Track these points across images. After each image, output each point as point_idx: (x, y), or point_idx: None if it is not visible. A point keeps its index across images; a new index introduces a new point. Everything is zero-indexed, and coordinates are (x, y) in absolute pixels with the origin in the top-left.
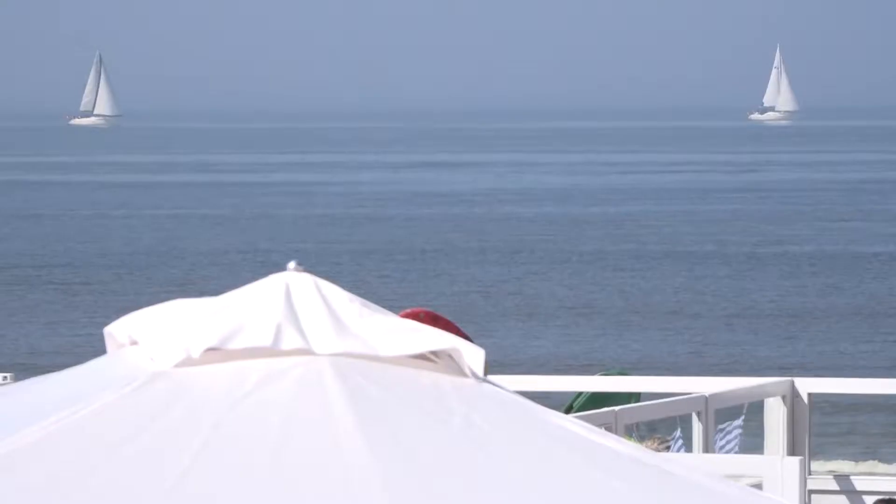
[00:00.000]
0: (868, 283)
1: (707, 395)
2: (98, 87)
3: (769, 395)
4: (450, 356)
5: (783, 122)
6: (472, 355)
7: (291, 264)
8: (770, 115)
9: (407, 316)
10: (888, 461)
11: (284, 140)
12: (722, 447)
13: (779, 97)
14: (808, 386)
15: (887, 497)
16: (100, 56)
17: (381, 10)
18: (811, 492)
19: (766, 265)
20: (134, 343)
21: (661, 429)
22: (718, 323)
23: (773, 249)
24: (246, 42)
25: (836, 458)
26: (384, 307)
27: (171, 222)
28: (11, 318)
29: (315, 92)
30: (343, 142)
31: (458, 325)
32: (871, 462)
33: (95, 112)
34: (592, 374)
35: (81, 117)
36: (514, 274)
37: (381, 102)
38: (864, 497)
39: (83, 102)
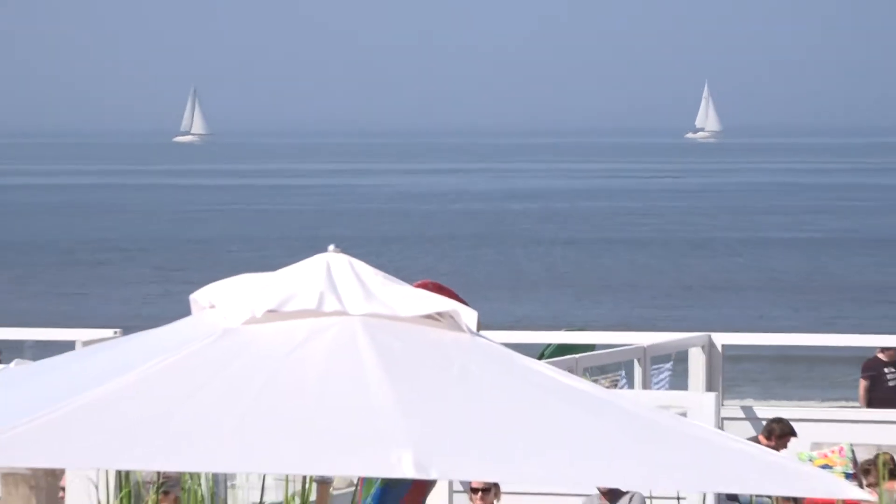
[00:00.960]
0: (770, 261)
1: (645, 346)
2: (193, 112)
3: (692, 346)
4: (451, 316)
5: (710, 140)
6: (468, 316)
7: (331, 247)
8: (700, 134)
9: (419, 286)
10: (782, 397)
11: (336, 152)
12: (656, 385)
13: (707, 120)
14: (721, 339)
15: (775, 418)
16: (194, 90)
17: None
18: (724, 419)
19: (696, 248)
20: (212, 307)
21: (609, 371)
22: (658, 292)
23: (702, 235)
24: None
25: (744, 395)
26: (401, 279)
27: (244, 215)
28: (121, 287)
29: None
30: (369, 154)
31: (457, 292)
32: (771, 400)
33: (192, 132)
34: (558, 330)
35: (181, 136)
36: (501, 255)
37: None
38: (763, 422)
39: (182, 125)
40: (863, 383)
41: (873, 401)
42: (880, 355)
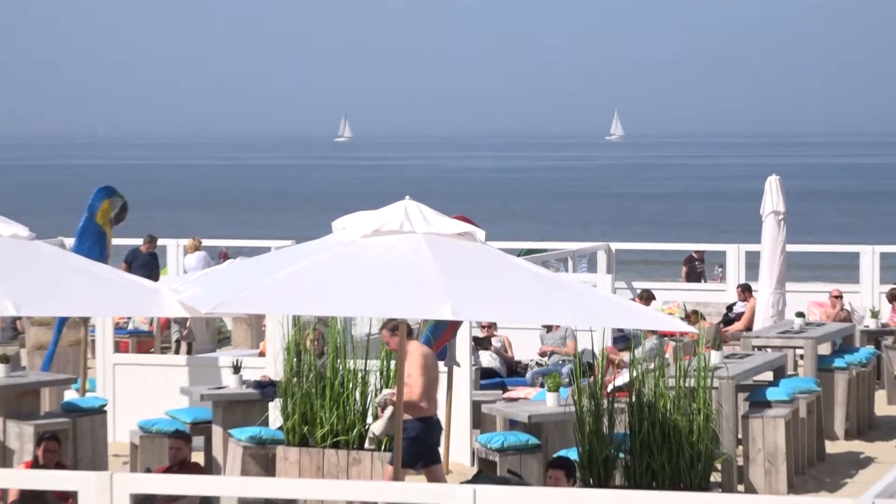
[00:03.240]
0: (629, 206)
1: (573, 249)
2: (344, 123)
3: (599, 250)
4: (471, 234)
5: (617, 140)
6: (479, 234)
7: (407, 196)
8: (613, 137)
9: (455, 218)
10: (649, 279)
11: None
12: (580, 270)
13: (617, 128)
14: (615, 246)
15: (644, 289)
16: (346, 114)
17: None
18: (617, 288)
19: (599, 199)
20: (343, 228)
21: (552, 264)
22: (577, 223)
23: (604, 192)
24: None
25: (627, 277)
26: (445, 214)
27: (371, 179)
28: (310, 218)
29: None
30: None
31: (474, 221)
32: (643, 280)
33: (344, 135)
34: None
35: (338, 138)
36: (501, 203)
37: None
38: (637, 291)
39: (338, 131)
40: (683, 269)
41: (689, 279)
42: (693, 254)
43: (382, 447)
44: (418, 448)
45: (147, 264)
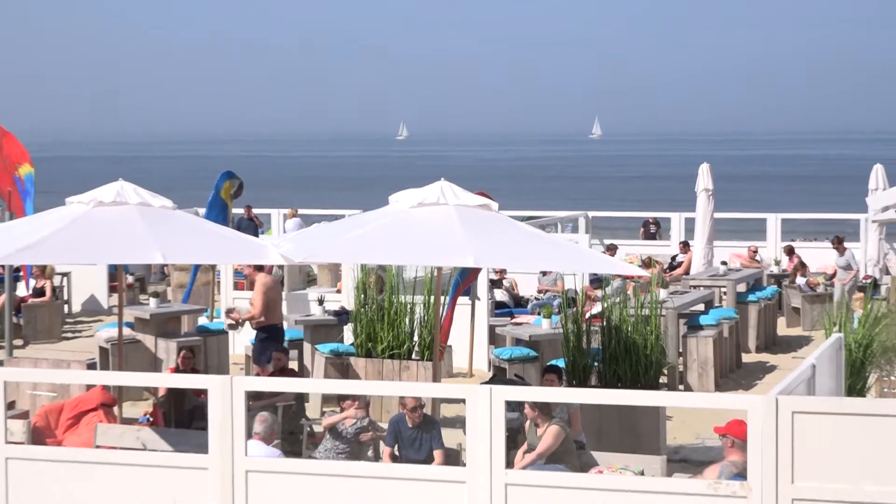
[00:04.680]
0: (604, 186)
1: (562, 216)
2: (402, 124)
3: (580, 217)
4: (488, 205)
5: (598, 138)
6: (494, 205)
7: (442, 178)
8: (593, 135)
9: (476, 193)
10: (618, 238)
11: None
12: (566, 232)
13: (597, 129)
14: (591, 214)
15: (610, 243)
16: (404, 122)
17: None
18: (592, 244)
19: (584, 181)
20: (396, 201)
21: (547, 226)
22: (567, 196)
23: (585, 175)
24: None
25: (601, 237)
26: (469, 190)
27: (421, 167)
28: (365, 196)
29: None
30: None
31: (490, 195)
32: (613, 239)
33: (402, 134)
34: (528, 210)
35: (398, 136)
36: (510, 183)
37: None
38: (608, 246)
39: (399, 130)
40: (641, 231)
41: (646, 238)
42: (649, 220)
43: (423, 358)
44: (264, 346)
45: (249, 227)
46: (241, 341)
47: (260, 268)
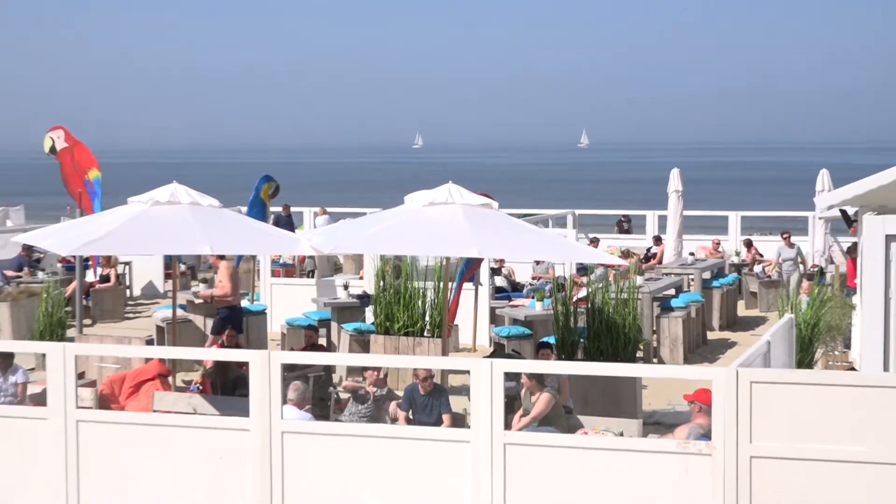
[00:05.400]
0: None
1: (552, 213)
2: (417, 134)
3: (567, 214)
4: (490, 204)
5: (585, 147)
6: (495, 204)
7: (450, 181)
8: (581, 145)
9: (479, 193)
10: (600, 233)
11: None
12: (556, 227)
13: (585, 139)
14: (578, 212)
15: (593, 237)
16: (419, 133)
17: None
18: (578, 237)
19: (575, 183)
20: (411, 201)
21: (540, 222)
22: (559, 196)
23: (576, 178)
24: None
25: (587, 231)
26: (472, 191)
27: (433, 172)
28: (386, 194)
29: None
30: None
31: (492, 196)
32: (594, 233)
33: (418, 144)
34: (525, 208)
35: (414, 145)
36: (508, 185)
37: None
38: (591, 239)
39: (415, 140)
40: (616, 227)
41: (619, 232)
42: (622, 217)
43: (434, 335)
44: (225, 323)
45: (287, 223)
46: (278, 321)
47: (222, 256)
